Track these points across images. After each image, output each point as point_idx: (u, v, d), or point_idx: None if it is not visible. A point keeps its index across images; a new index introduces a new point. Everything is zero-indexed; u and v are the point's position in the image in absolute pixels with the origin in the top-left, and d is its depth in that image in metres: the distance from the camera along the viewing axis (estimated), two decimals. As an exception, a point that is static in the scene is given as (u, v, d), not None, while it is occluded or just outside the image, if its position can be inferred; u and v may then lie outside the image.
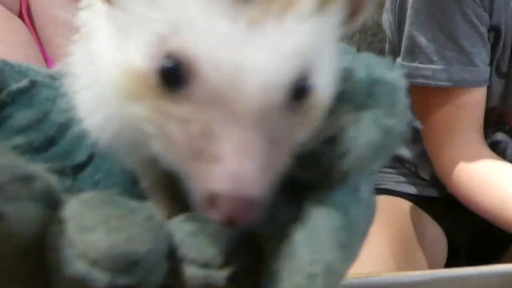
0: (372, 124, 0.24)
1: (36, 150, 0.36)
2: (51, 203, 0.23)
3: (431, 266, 0.90)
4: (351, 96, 0.26)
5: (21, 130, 0.36)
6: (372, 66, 0.27)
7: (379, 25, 1.28)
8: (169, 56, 0.21)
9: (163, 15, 0.21)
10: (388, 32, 0.96)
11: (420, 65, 0.83)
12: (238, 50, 0.20)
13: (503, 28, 0.84)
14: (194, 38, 0.20)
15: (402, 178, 1.00)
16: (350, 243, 0.24)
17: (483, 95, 0.85)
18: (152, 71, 0.22)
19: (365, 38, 1.29)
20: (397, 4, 0.87)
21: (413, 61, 0.84)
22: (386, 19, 0.96)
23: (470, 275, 0.55)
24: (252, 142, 0.20)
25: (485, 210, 0.80)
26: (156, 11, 0.21)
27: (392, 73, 0.27)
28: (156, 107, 0.22)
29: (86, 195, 0.24)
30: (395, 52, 0.93)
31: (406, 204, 0.97)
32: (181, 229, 0.25)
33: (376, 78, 0.26)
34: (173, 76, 0.21)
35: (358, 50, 1.29)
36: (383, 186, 0.99)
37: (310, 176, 0.25)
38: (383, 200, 0.97)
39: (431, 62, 0.82)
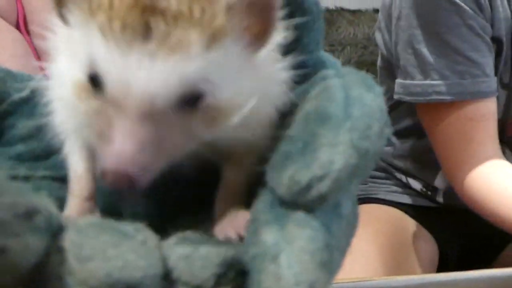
0: (349, 148, 0.26)
1: (37, 157, 0.38)
2: (52, 233, 0.26)
3: (422, 271, 0.91)
4: (329, 117, 0.27)
5: (22, 139, 0.38)
6: (349, 86, 0.29)
7: (369, 39, 1.31)
8: (92, 68, 0.28)
9: (84, 49, 0.28)
10: (383, 50, 0.96)
11: (433, 82, 0.82)
12: (131, 69, 0.26)
13: (504, 39, 0.84)
14: (102, 62, 0.27)
15: (393, 188, 1.01)
16: (332, 260, 0.26)
17: (496, 105, 0.85)
18: (86, 79, 0.28)
19: (355, 50, 1.31)
20: (394, 25, 0.87)
21: (425, 78, 0.83)
22: (380, 37, 0.96)
23: (460, 279, 0.56)
24: (135, 132, 0.26)
25: (509, 223, 0.80)
26: (82, 46, 0.28)
27: (369, 93, 0.29)
28: (89, 104, 0.28)
29: (82, 223, 0.27)
30: (389, 69, 0.93)
31: (397, 213, 0.98)
32: (174, 252, 0.27)
33: (353, 100, 0.28)
34: (96, 81, 0.28)
35: (349, 62, 1.31)
36: (375, 196, 1.00)
37: (290, 196, 0.26)
38: (375, 209, 0.97)
39: (444, 77, 0.82)
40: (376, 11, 1.03)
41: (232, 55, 0.28)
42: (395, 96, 0.88)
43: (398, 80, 0.88)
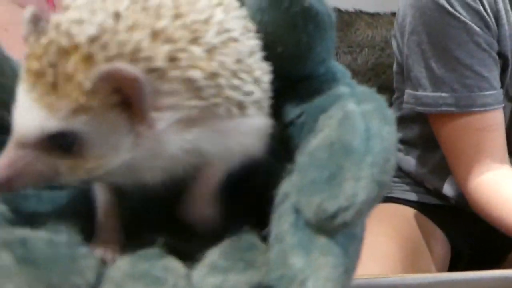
0: (371, 182, 0.29)
1: None
2: None
3: (436, 269, 0.93)
4: (352, 151, 0.31)
5: None
6: (368, 117, 0.33)
7: (387, 41, 1.32)
8: None
9: None
10: (398, 57, 0.99)
11: (443, 95, 0.86)
12: (17, 112, 0.33)
13: (509, 55, 0.88)
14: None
15: (407, 187, 1.04)
16: (348, 281, 0.30)
17: (502, 115, 0.89)
18: None
19: (373, 53, 1.33)
20: (407, 39, 0.90)
21: (436, 91, 0.87)
22: (395, 45, 0.99)
23: (472, 279, 0.56)
24: (10, 154, 0.32)
25: None
26: None
27: (386, 126, 0.32)
28: None
29: (116, 276, 0.31)
30: (403, 75, 0.96)
31: (411, 211, 1.01)
32: (206, 283, 0.31)
33: (373, 133, 0.32)
34: None
35: (367, 64, 1.32)
36: (389, 195, 1.03)
37: (316, 222, 0.30)
38: (389, 208, 1.00)
39: (453, 91, 0.86)
40: (394, 14, 1.05)
41: (103, 122, 0.32)
42: (405, 106, 0.92)
43: (409, 91, 0.92)
